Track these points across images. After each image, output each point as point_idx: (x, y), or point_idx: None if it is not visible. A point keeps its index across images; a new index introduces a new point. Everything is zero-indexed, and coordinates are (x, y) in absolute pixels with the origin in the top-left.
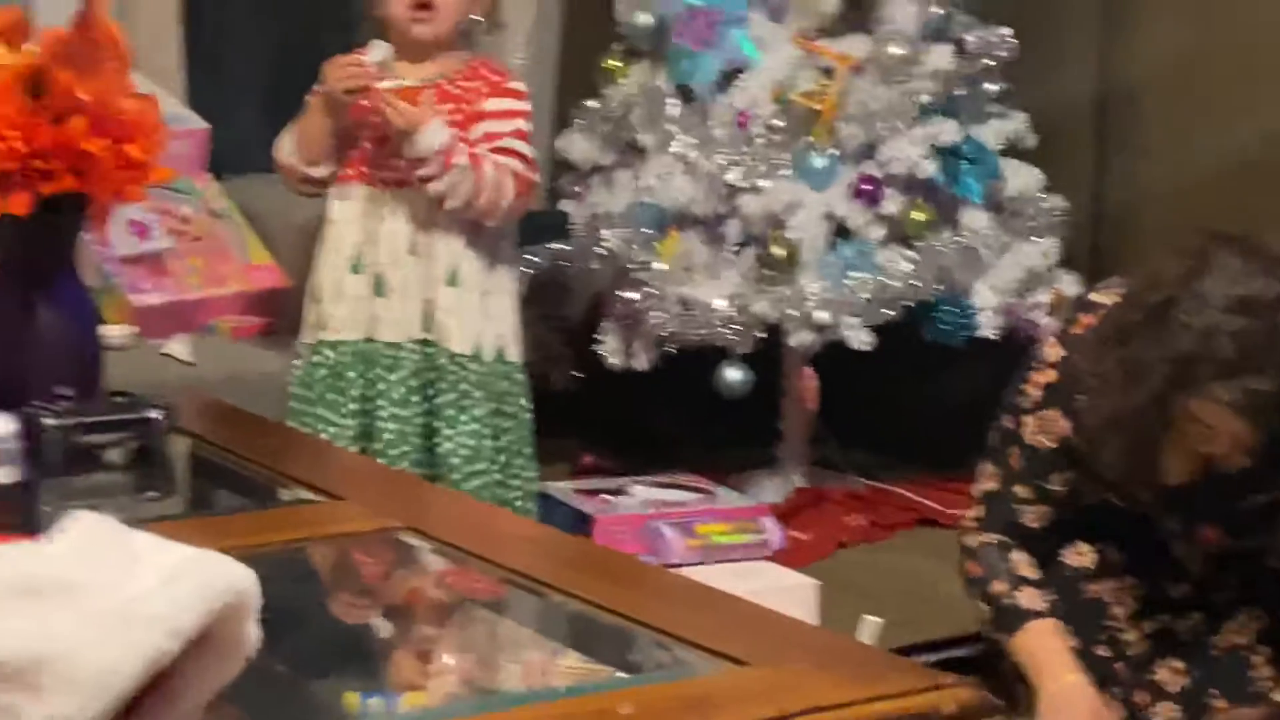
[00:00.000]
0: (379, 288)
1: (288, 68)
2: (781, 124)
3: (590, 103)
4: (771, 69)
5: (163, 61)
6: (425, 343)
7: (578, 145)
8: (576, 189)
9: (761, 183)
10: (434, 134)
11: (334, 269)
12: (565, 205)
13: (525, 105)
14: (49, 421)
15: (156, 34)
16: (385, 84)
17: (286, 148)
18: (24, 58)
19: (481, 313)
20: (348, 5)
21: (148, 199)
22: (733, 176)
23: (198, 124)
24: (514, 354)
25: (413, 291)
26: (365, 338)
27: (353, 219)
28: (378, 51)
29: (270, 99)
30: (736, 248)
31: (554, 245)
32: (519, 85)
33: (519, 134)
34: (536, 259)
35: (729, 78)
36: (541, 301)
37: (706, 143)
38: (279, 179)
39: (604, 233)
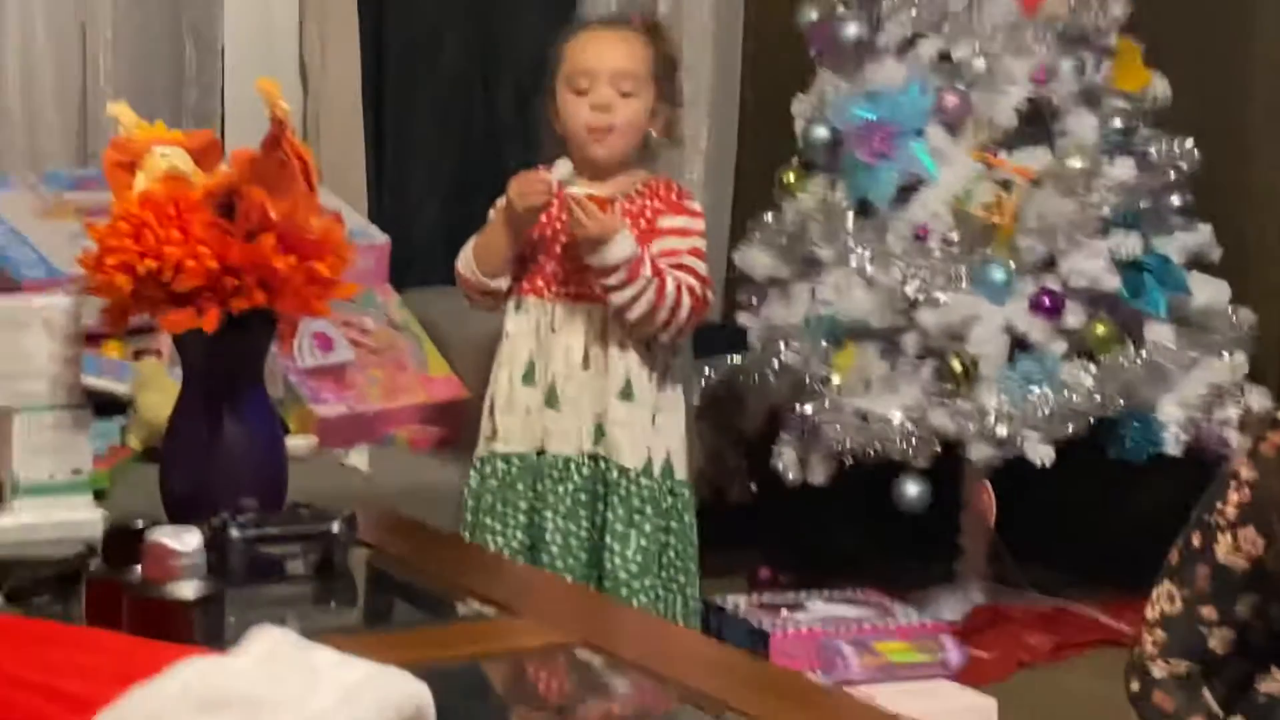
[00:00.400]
0: (551, 400)
1: (468, 183)
2: (960, 237)
3: (767, 216)
4: (949, 182)
5: (348, 178)
6: (595, 457)
7: (755, 258)
8: (753, 302)
9: (940, 295)
10: (623, 243)
11: (508, 381)
12: (742, 318)
13: (701, 224)
14: (234, 533)
15: (343, 151)
16: (576, 190)
17: (467, 260)
18: (216, 178)
19: (652, 428)
20: (527, 122)
21: (332, 313)
22: (911, 289)
23: (380, 238)
24: (681, 470)
25: (585, 405)
26: (536, 450)
27: (528, 332)
28: (562, 169)
29: (450, 213)
30: (914, 361)
31: (730, 358)
32: (695, 204)
33: (695, 252)
34: (713, 372)
35: (907, 191)
36: (718, 414)
37: (884, 255)
38: (458, 291)
39: (781, 346)
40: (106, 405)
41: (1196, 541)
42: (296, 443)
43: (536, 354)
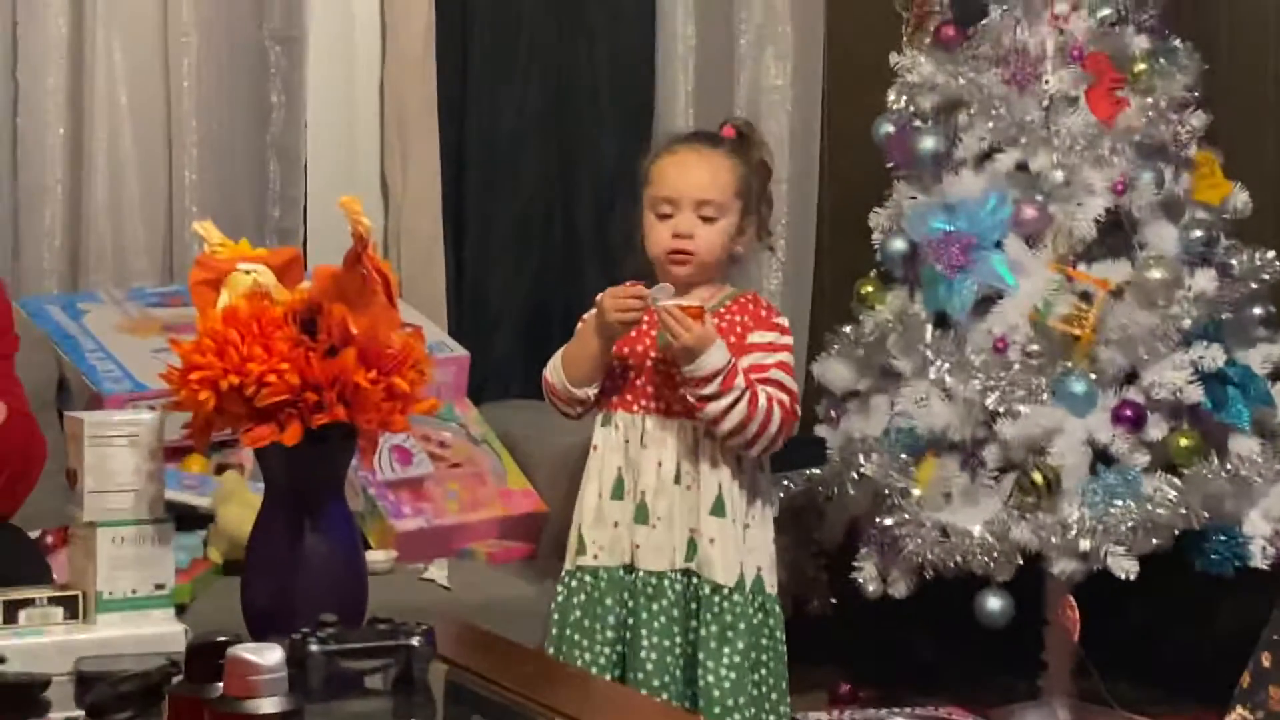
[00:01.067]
0: (641, 515)
1: (546, 298)
2: (1040, 348)
3: (846, 328)
4: (1029, 293)
5: (429, 292)
6: (687, 573)
7: (834, 370)
8: (833, 414)
9: (1020, 407)
10: (718, 353)
11: (596, 495)
12: (821, 430)
13: (789, 339)
14: (314, 649)
15: (423, 267)
16: (669, 301)
17: (555, 368)
18: (299, 294)
19: (743, 543)
20: (606, 237)
21: (411, 427)
22: (991, 401)
23: (459, 351)
24: (771, 585)
25: (676, 520)
26: (626, 565)
27: (616, 446)
28: (661, 293)
29: (528, 327)
30: (995, 474)
31: (810, 471)
32: (783, 319)
33: (783, 366)
34: (792, 485)
35: (985, 302)
36: (798, 527)
37: (963, 367)
38: (537, 405)
39: (860, 458)
40: (189, 518)
41: (1267, 663)
42: (376, 557)
43: (626, 468)
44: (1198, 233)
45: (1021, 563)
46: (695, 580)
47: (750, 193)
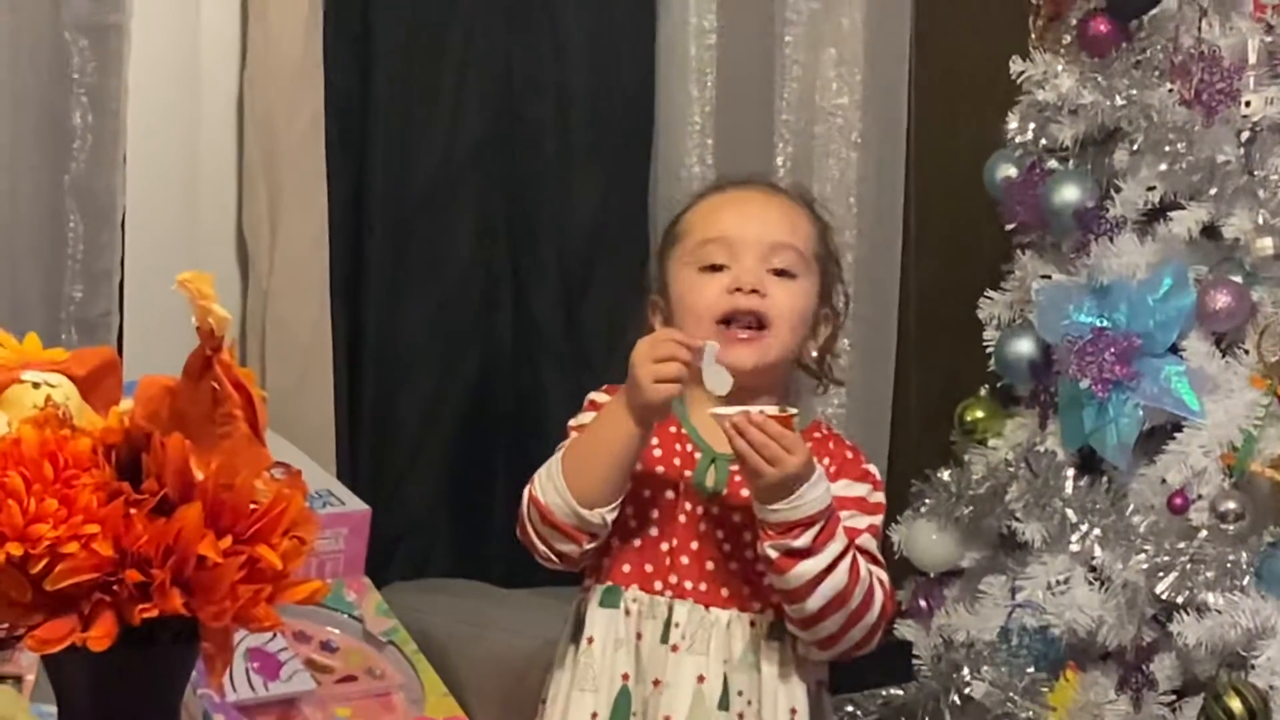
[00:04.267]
0: None
1: (487, 422)
2: (1239, 507)
3: (943, 474)
4: (1222, 423)
5: (310, 415)
6: None
7: (924, 537)
8: (923, 604)
9: (1208, 597)
10: (820, 486)
11: (589, 715)
12: (905, 629)
13: (881, 498)
14: None
15: (303, 377)
16: (742, 407)
17: (553, 479)
18: (114, 420)
19: None
20: (577, 332)
21: (283, 624)
22: (1164, 588)
23: (355, 505)
24: None
25: None
26: None
27: (623, 640)
28: (711, 353)
29: (461, 467)
30: (1170, 698)
31: (887, 692)
32: (873, 467)
33: (878, 533)
34: (857, 710)
35: (1156, 437)
36: None
37: (1121, 536)
38: (473, 587)
39: (965, 672)
40: None
41: None
42: None
43: (636, 676)
44: None
45: None
46: None
47: (830, 264)
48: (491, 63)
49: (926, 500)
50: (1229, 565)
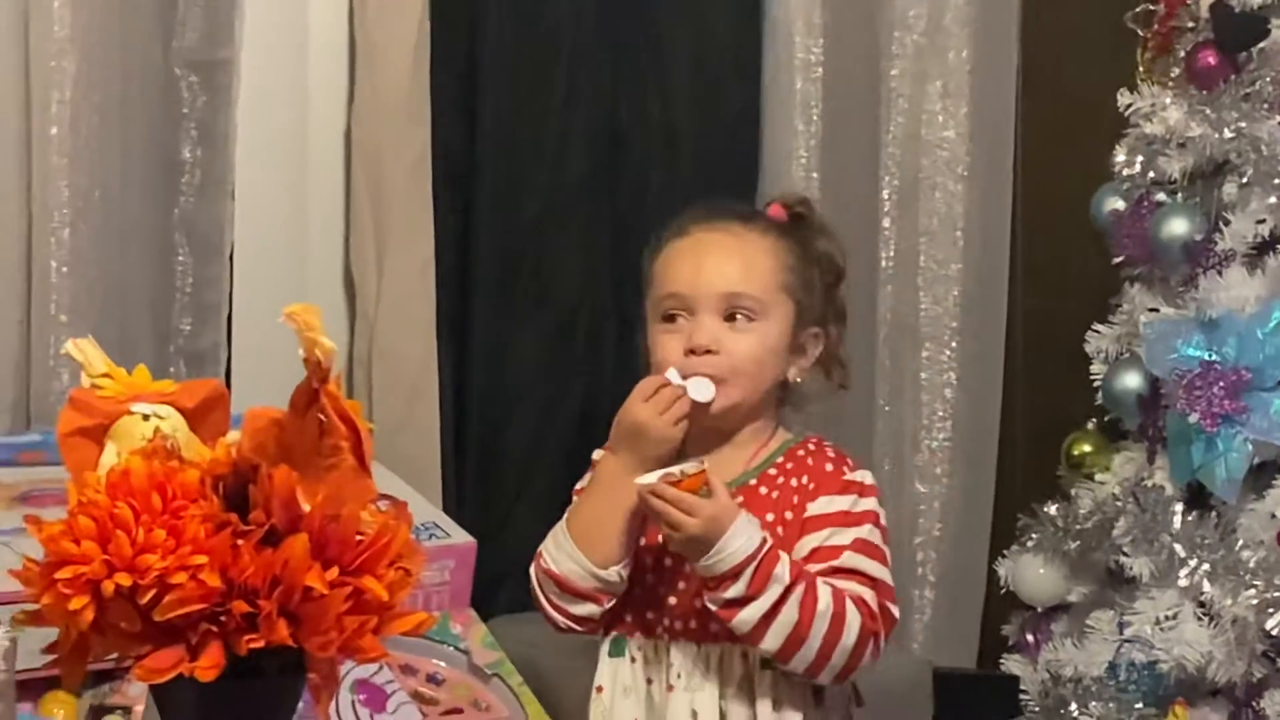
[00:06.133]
0: None
1: (588, 455)
2: None
3: (1049, 508)
4: None
5: (416, 446)
6: None
7: (1030, 571)
8: (1029, 639)
9: None
10: (739, 537)
11: None
12: (1012, 663)
13: (874, 503)
14: None
15: (407, 407)
16: (648, 476)
17: (560, 544)
18: (222, 451)
19: None
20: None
21: (389, 656)
22: (1273, 624)
23: (461, 537)
24: None
25: None
26: None
27: (632, 687)
28: (676, 375)
29: (569, 496)
30: None
31: None
32: (862, 475)
33: (865, 547)
34: None
35: (1267, 472)
36: None
37: (1230, 571)
38: None
39: (1072, 708)
40: None
41: None
42: None
43: None
44: None
45: None
46: None
47: (809, 291)
48: (597, 98)
49: (1033, 535)
50: None
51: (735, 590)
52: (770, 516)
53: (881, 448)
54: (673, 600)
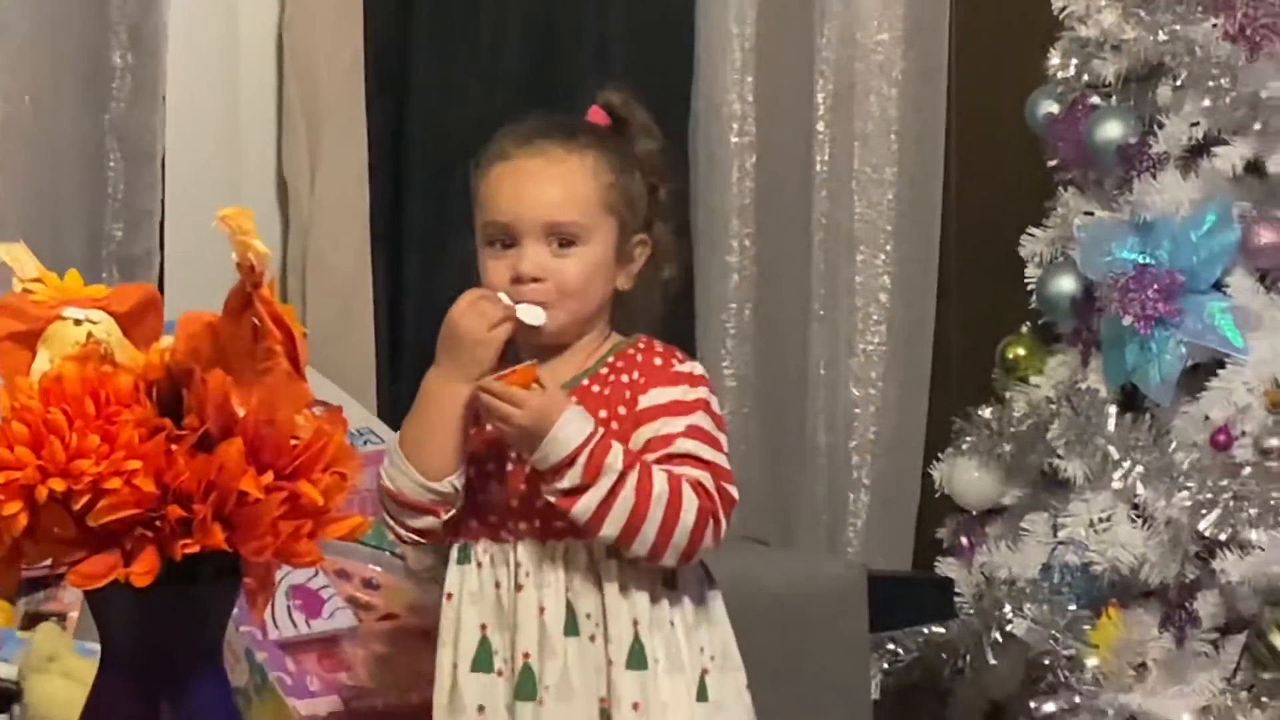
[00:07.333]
0: (524, 689)
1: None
2: None
3: (983, 411)
4: (1266, 360)
5: (351, 352)
6: None
7: (965, 475)
8: (963, 542)
9: (1253, 534)
10: (569, 427)
11: (451, 666)
12: (945, 567)
13: (704, 391)
14: None
15: (342, 313)
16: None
17: (394, 460)
18: (154, 356)
19: (695, 700)
20: None
21: (324, 560)
22: (1207, 525)
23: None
24: None
25: (577, 689)
26: None
27: (475, 592)
28: (507, 299)
29: None
30: (1214, 635)
31: (928, 630)
32: (691, 366)
33: (697, 433)
34: (899, 651)
35: (1199, 374)
36: (906, 714)
37: (1164, 473)
38: None
39: (1007, 610)
40: None
41: None
42: None
43: (494, 626)
44: None
45: None
46: None
47: (633, 202)
48: (531, 2)
49: (968, 438)
50: (1272, 502)
51: (570, 479)
52: (604, 413)
53: (816, 352)
54: (515, 502)
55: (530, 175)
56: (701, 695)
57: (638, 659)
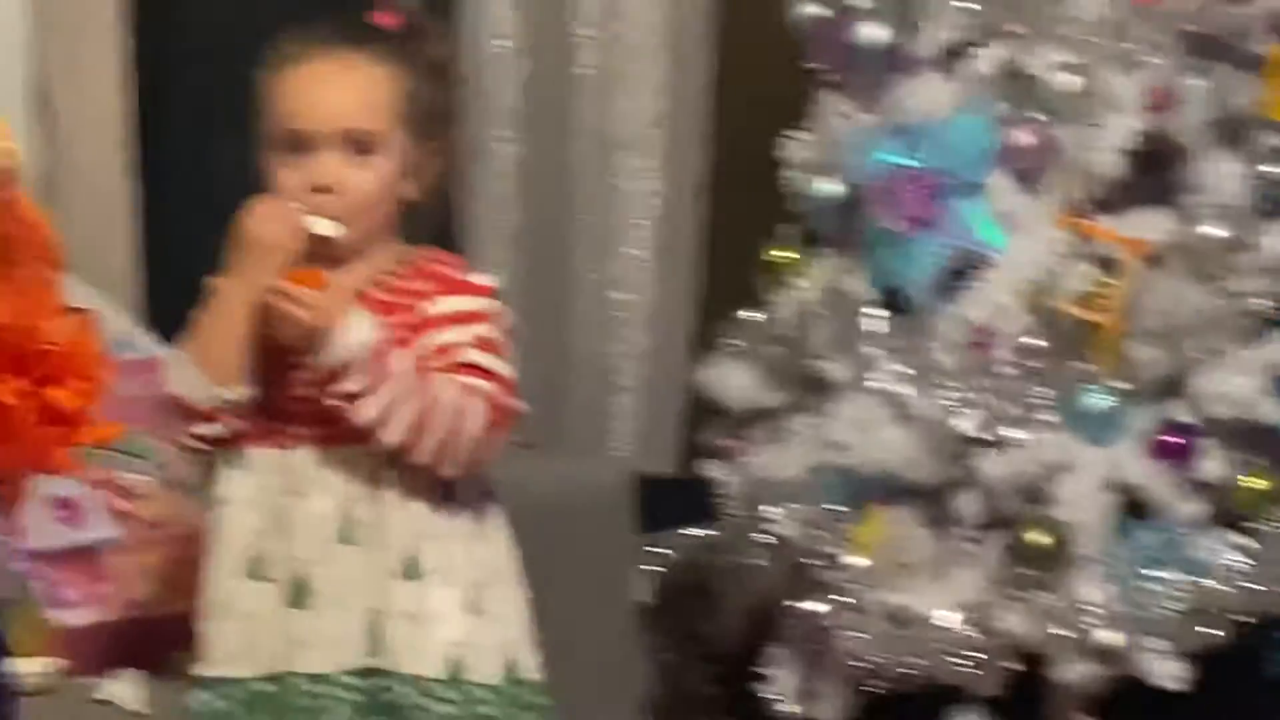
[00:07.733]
0: (297, 597)
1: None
2: (1041, 345)
3: (747, 314)
4: (1024, 263)
5: (107, 258)
6: (371, 671)
7: (728, 379)
8: (727, 445)
9: (1010, 434)
10: (355, 331)
11: (226, 576)
12: (710, 469)
13: (489, 302)
14: None
15: (100, 220)
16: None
17: (174, 371)
18: None
19: (469, 612)
20: None
21: (81, 467)
22: (967, 424)
23: (155, 351)
24: (529, 668)
25: (351, 597)
26: (271, 674)
27: (252, 498)
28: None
29: None
30: (974, 534)
31: (691, 532)
32: (479, 277)
33: (483, 343)
34: (664, 550)
35: (959, 277)
36: (673, 616)
37: (925, 375)
38: None
39: (769, 510)
40: None
41: None
42: (28, 667)
43: (269, 532)
44: (1274, 169)
45: (1015, 667)
46: (385, 679)
47: (425, 111)
48: None
49: (730, 342)
50: (1032, 402)
51: (354, 383)
52: (392, 320)
53: (582, 257)
54: (296, 408)
55: (325, 79)
56: (475, 608)
57: (413, 570)
